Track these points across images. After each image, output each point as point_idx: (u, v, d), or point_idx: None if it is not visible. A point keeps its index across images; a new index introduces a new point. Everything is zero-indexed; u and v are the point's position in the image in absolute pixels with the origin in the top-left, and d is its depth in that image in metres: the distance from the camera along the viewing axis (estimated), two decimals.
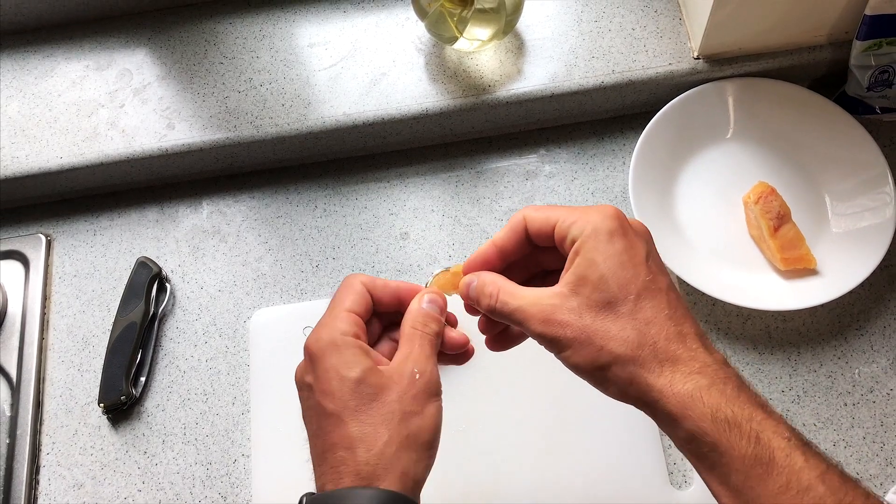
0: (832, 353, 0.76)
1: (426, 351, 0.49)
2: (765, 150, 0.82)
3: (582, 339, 0.45)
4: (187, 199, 0.88)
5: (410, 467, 0.46)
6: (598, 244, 0.46)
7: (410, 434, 0.46)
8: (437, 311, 0.51)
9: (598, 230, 0.46)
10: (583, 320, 0.45)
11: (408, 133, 0.85)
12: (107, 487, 0.76)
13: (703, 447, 0.43)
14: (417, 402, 0.47)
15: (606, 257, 0.46)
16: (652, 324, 0.45)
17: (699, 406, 0.43)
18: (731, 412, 0.42)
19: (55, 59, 0.89)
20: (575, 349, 0.45)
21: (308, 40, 0.87)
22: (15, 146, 0.85)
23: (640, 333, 0.45)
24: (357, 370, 0.47)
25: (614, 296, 0.45)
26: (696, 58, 0.81)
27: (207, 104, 0.85)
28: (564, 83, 0.82)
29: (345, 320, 0.49)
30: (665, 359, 0.44)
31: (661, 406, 0.44)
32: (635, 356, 0.44)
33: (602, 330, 0.45)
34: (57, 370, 0.81)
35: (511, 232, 0.51)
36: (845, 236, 0.77)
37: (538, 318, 0.47)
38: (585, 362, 0.45)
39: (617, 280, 0.45)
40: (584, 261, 0.46)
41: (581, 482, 0.71)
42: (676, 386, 0.43)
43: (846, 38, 0.79)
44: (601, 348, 0.45)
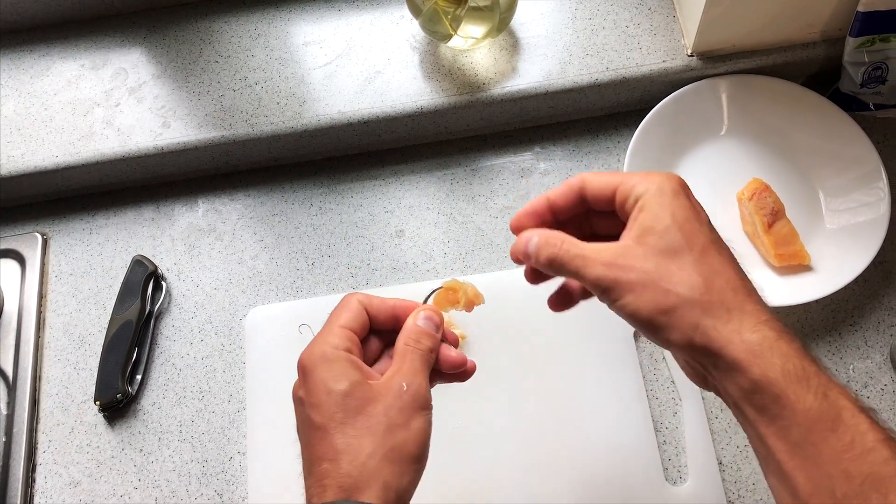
0: (826, 349, 0.76)
1: (416, 366, 0.49)
2: (759, 147, 0.82)
3: (646, 280, 0.44)
4: (183, 198, 0.88)
5: (393, 480, 0.46)
6: (663, 199, 0.46)
7: (395, 446, 0.46)
8: (431, 328, 0.52)
9: (664, 188, 0.46)
10: (648, 264, 0.44)
11: (403, 131, 0.85)
12: (103, 485, 0.76)
13: (766, 398, 0.42)
14: (403, 415, 0.47)
15: (673, 210, 0.45)
16: (719, 273, 0.44)
17: (768, 355, 0.42)
18: (801, 365, 0.42)
19: (51, 59, 0.89)
20: (638, 293, 0.44)
21: (303, 39, 0.87)
22: (11, 145, 0.85)
23: (708, 280, 0.44)
24: (344, 383, 0.47)
25: (681, 244, 0.45)
26: (690, 55, 0.82)
27: (203, 103, 0.85)
28: (559, 81, 0.82)
29: (338, 335, 0.50)
30: (732, 307, 0.43)
31: (728, 352, 0.42)
32: (702, 300, 0.43)
33: (668, 273, 0.44)
34: (53, 368, 0.81)
35: (567, 189, 0.50)
36: (839, 232, 0.77)
37: (600, 262, 0.45)
38: (648, 306, 0.44)
39: (683, 230, 0.45)
40: (649, 214, 0.46)
41: (576, 478, 0.71)
42: (745, 334, 0.42)
43: (839, 34, 0.80)
44: (667, 291, 0.44)
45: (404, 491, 0.46)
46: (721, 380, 0.44)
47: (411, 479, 0.47)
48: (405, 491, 0.47)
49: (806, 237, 0.77)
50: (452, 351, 0.53)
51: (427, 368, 0.50)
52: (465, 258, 0.82)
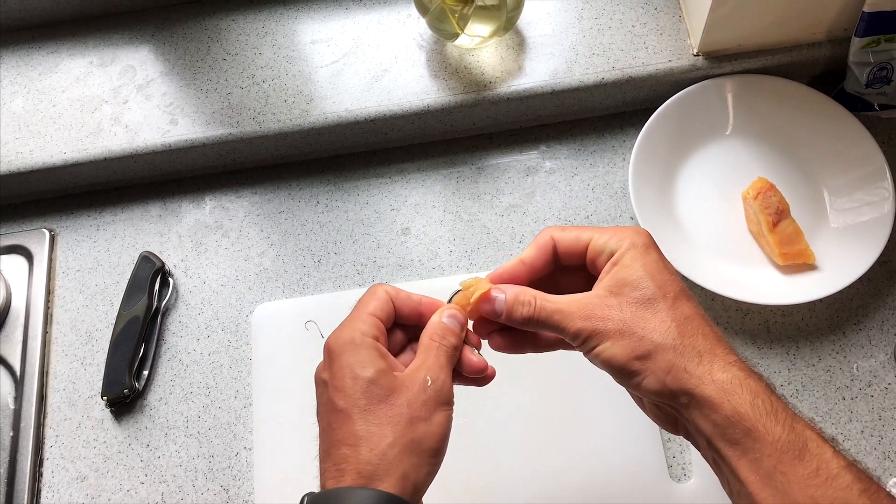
0: (830, 348, 0.76)
1: (440, 361, 0.50)
2: (764, 147, 0.82)
3: (623, 329, 0.47)
4: (190, 195, 0.89)
5: (412, 471, 0.46)
6: (636, 252, 0.49)
7: (415, 439, 0.46)
8: (456, 326, 0.52)
9: (636, 243, 0.49)
10: (623, 314, 0.47)
11: (409, 129, 0.86)
12: (110, 480, 0.77)
13: (738, 432, 0.44)
14: (426, 409, 0.47)
15: (645, 263, 0.48)
16: (690, 320, 0.47)
17: (738, 391, 0.44)
18: (769, 401, 0.44)
19: (59, 56, 0.90)
20: (615, 340, 0.47)
21: (310, 37, 0.87)
22: (19, 141, 0.85)
23: (680, 326, 0.46)
24: (371, 370, 0.47)
25: (654, 293, 0.47)
26: (696, 55, 0.82)
27: (210, 100, 0.85)
28: (565, 80, 0.82)
29: (366, 322, 0.50)
30: (703, 351, 0.46)
31: (700, 391, 0.45)
32: (675, 345, 0.46)
33: (643, 321, 0.47)
34: (60, 364, 0.82)
35: (539, 250, 0.52)
36: (844, 231, 0.77)
37: (578, 315, 0.48)
38: (624, 352, 0.46)
39: (656, 280, 0.48)
40: (622, 267, 0.49)
41: (580, 475, 0.71)
42: (716, 374, 0.45)
43: (845, 35, 0.80)
44: (642, 337, 0.46)
45: (421, 484, 0.47)
46: (694, 418, 0.46)
47: (428, 472, 0.47)
48: (422, 484, 0.47)
49: (810, 236, 0.77)
50: (475, 354, 0.53)
51: (450, 365, 0.50)
52: (471, 256, 0.83)
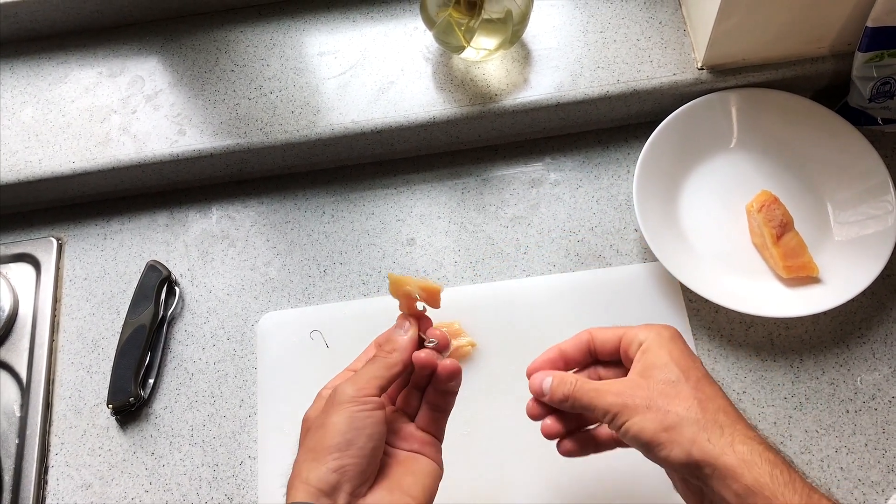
0: (834, 361, 0.76)
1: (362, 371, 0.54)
2: (768, 160, 0.83)
3: (650, 404, 0.52)
4: (197, 204, 0.89)
5: (309, 474, 0.49)
6: (662, 342, 0.55)
7: (312, 446, 0.51)
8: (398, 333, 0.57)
9: (662, 335, 0.56)
10: (652, 392, 0.53)
11: (415, 141, 0.86)
12: (114, 488, 0.77)
13: (758, 500, 0.48)
14: (321, 417, 0.52)
15: (671, 350, 0.55)
16: (712, 399, 0.52)
17: (758, 462, 0.48)
18: (787, 472, 0.48)
19: (69, 66, 0.91)
20: (643, 414, 0.52)
21: (318, 49, 0.88)
22: (28, 150, 0.86)
23: (702, 403, 0.52)
24: (308, 413, 0.55)
25: (679, 376, 0.53)
26: (700, 68, 0.83)
27: (218, 111, 0.86)
28: (570, 92, 0.83)
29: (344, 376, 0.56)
30: (724, 425, 0.51)
31: (722, 462, 0.49)
32: (698, 419, 0.51)
33: (669, 398, 0.52)
34: (66, 372, 0.82)
35: (577, 342, 0.60)
36: (847, 245, 0.78)
37: (610, 392, 0.54)
38: (652, 425, 0.51)
39: (680, 365, 0.54)
40: (651, 355, 0.55)
41: (585, 491, 0.71)
42: (737, 445, 0.49)
43: (848, 49, 0.81)
44: (668, 411, 0.51)
45: (323, 481, 0.49)
46: (718, 489, 0.49)
47: (329, 467, 0.49)
48: (324, 481, 0.49)
49: (814, 249, 0.77)
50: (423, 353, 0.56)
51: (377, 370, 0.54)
52: (476, 267, 0.83)
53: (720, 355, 0.77)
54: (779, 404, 0.74)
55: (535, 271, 0.82)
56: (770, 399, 0.75)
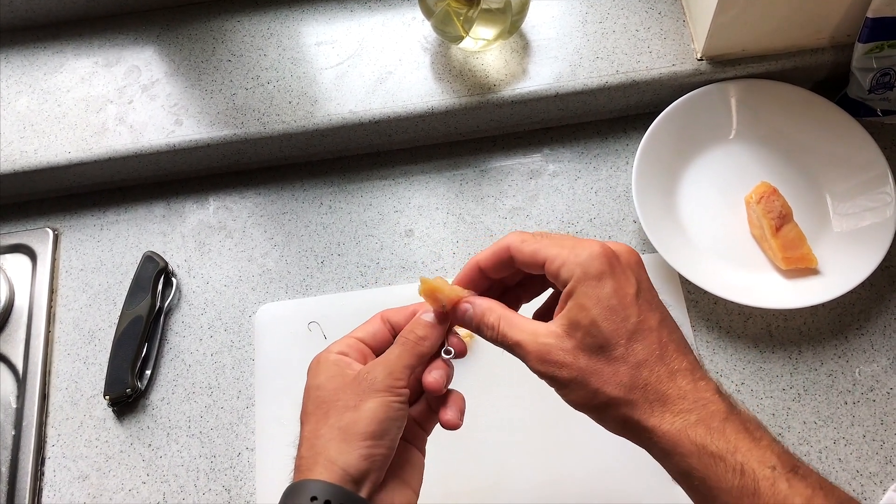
0: (833, 352, 0.76)
1: (393, 354, 0.51)
2: (767, 151, 0.83)
3: (578, 379, 0.47)
4: (194, 195, 0.89)
5: (339, 456, 0.48)
6: (587, 289, 0.48)
7: (343, 427, 0.48)
8: (429, 319, 0.53)
9: (588, 273, 0.48)
10: (578, 362, 0.47)
11: (413, 131, 0.86)
12: (111, 479, 0.77)
13: (694, 481, 0.45)
14: (356, 397, 0.49)
15: (596, 302, 0.47)
16: (643, 366, 0.47)
17: (686, 444, 0.45)
18: (716, 447, 0.44)
19: (64, 55, 0.90)
20: (571, 388, 0.48)
21: (315, 39, 0.88)
22: (24, 141, 0.85)
23: (632, 376, 0.47)
24: (320, 378, 0.51)
25: (606, 340, 0.47)
26: (700, 59, 0.82)
27: (215, 101, 0.85)
28: (569, 83, 0.82)
29: (340, 343, 0.53)
30: (655, 399, 0.46)
31: (654, 444, 0.46)
32: (628, 398, 0.47)
33: (596, 372, 0.47)
34: (63, 363, 0.82)
35: (494, 256, 0.53)
36: (846, 236, 0.78)
37: (536, 356, 0.49)
38: (583, 402, 0.48)
39: (607, 324, 0.47)
40: (575, 305, 0.48)
41: (583, 481, 0.71)
42: (665, 425, 0.46)
43: (848, 40, 0.80)
44: (596, 390, 0.47)
45: (354, 467, 0.48)
46: (660, 463, 0.48)
47: (363, 454, 0.48)
48: (354, 467, 0.48)
49: (813, 241, 0.77)
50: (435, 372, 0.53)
51: (409, 357, 0.51)
52: None
53: (719, 347, 0.77)
54: (777, 396, 0.74)
55: None
56: (769, 390, 0.75)
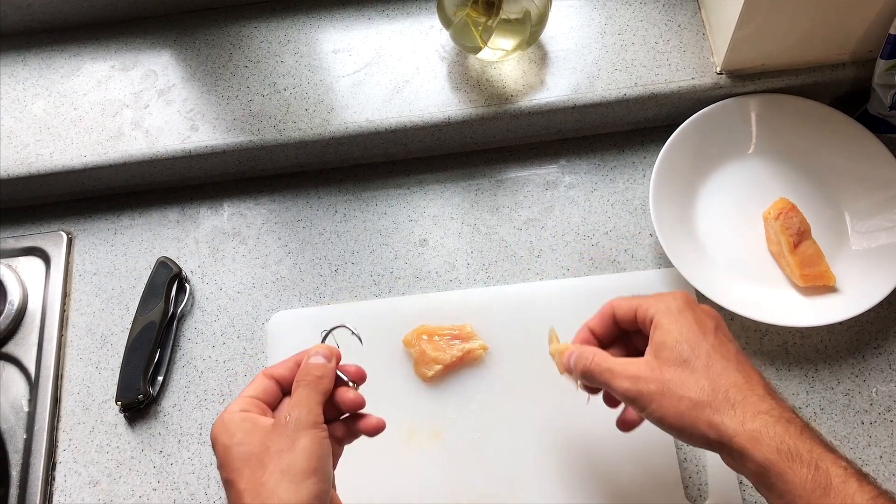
0: (850, 371, 0.75)
1: (301, 396, 0.54)
2: (786, 167, 0.82)
3: (664, 390, 0.53)
4: (208, 201, 0.89)
5: (291, 496, 0.49)
6: (671, 317, 0.56)
7: (284, 469, 0.50)
8: (319, 360, 0.57)
9: (670, 307, 0.57)
10: (663, 375, 0.54)
11: (429, 141, 0.86)
12: (122, 485, 0.76)
13: (771, 477, 0.49)
14: (288, 440, 0.51)
15: (679, 325, 0.55)
16: (722, 375, 0.53)
17: (766, 440, 0.49)
18: (794, 444, 0.49)
19: (81, 59, 0.90)
20: (658, 401, 0.53)
21: (332, 46, 0.87)
22: (40, 144, 0.86)
23: (713, 382, 0.52)
24: (238, 435, 0.52)
25: (688, 355, 0.54)
26: (719, 73, 0.82)
27: (231, 107, 0.85)
28: (587, 95, 0.82)
29: (237, 403, 0.55)
30: (735, 402, 0.51)
31: (735, 443, 0.50)
32: (710, 401, 0.51)
33: (679, 381, 0.53)
34: (75, 367, 0.82)
35: (601, 318, 0.62)
36: (865, 254, 0.77)
37: (624, 376, 0.55)
38: (670, 411, 0.52)
39: (688, 342, 0.54)
40: (660, 331, 0.56)
41: (596, 495, 0.71)
42: (747, 424, 0.50)
43: (870, 56, 0.80)
44: (680, 397, 0.52)
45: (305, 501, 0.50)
46: (738, 468, 0.51)
47: (311, 491, 0.50)
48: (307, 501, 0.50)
49: (831, 258, 0.77)
50: (350, 392, 0.57)
51: (316, 395, 0.55)
52: (488, 269, 0.82)
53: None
54: None
55: (548, 275, 0.82)
56: None
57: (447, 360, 0.75)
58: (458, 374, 0.76)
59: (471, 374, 0.77)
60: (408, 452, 0.73)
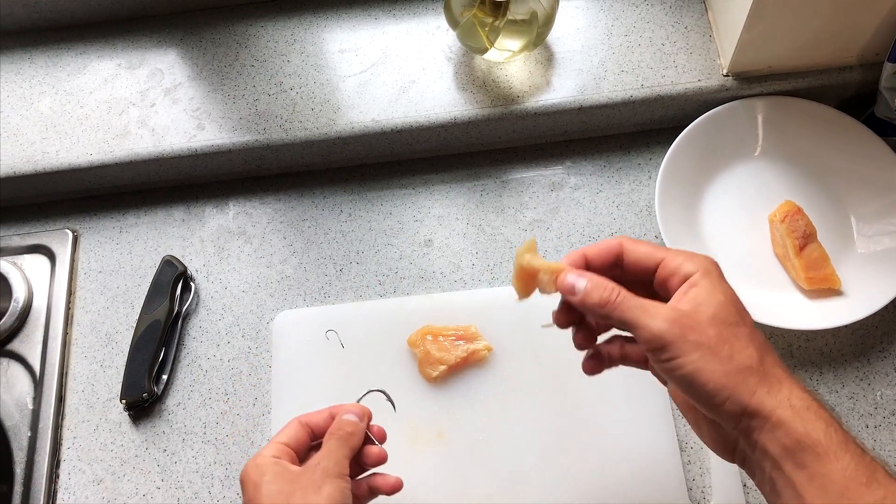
0: (854, 375, 0.75)
1: (331, 447, 0.58)
2: (792, 170, 0.82)
3: (712, 344, 0.47)
4: (214, 200, 0.89)
5: None
6: (712, 279, 0.50)
7: None
8: (352, 418, 0.61)
9: (710, 271, 0.50)
10: (711, 330, 0.47)
11: (435, 141, 0.86)
12: (126, 484, 0.76)
13: (807, 455, 0.45)
14: (314, 485, 0.55)
15: (724, 289, 0.49)
16: (769, 351, 0.48)
17: (813, 419, 0.46)
18: (841, 431, 0.46)
19: (88, 57, 0.90)
20: (702, 354, 0.47)
21: (339, 46, 0.88)
22: (46, 141, 0.86)
23: (760, 352, 0.48)
24: (267, 477, 0.55)
25: (736, 318, 0.48)
26: (726, 75, 0.82)
27: (237, 106, 0.85)
28: (593, 96, 0.82)
29: (270, 448, 0.58)
30: (783, 378, 0.47)
31: (777, 414, 0.46)
32: (759, 370, 0.47)
33: (730, 342, 0.47)
34: (80, 365, 0.82)
35: (604, 250, 0.53)
36: (871, 257, 0.77)
37: (664, 317, 0.48)
38: (714, 368, 0.47)
39: (737, 307, 0.49)
40: (702, 290, 0.49)
41: (599, 496, 0.71)
42: (794, 400, 0.46)
43: (877, 59, 0.80)
44: (731, 357, 0.47)
45: None
46: (764, 441, 0.46)
47: None
48: None
49: (837, 261, 0.77)
50: (375, 448, 0.62)
51: (344, 448, 0.58)
52: (493, 270, 0.82)
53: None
54: None
55: None
56: None
57: (452, 360, 0.75)
58: (462, 375, 0.76)
59: (475, 374, 0.77)
60: (412, 453, 0.73)
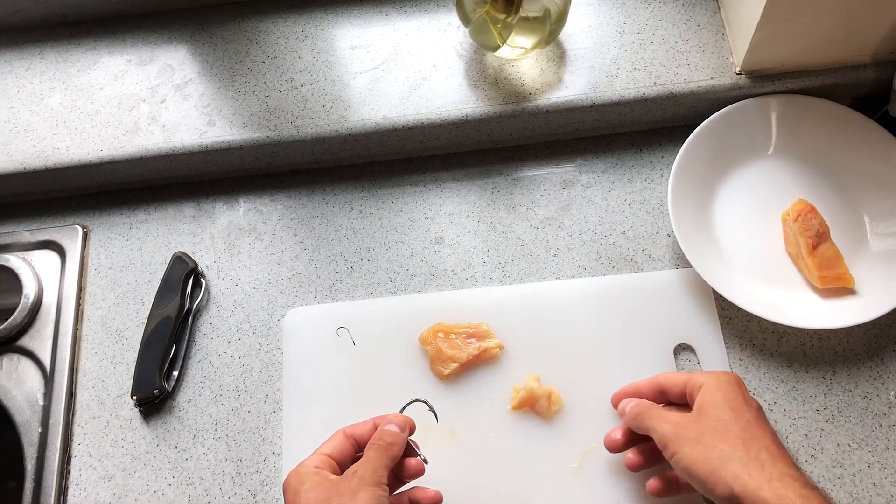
0: (868, 374, 0.75)
1: (370, 456, 0.60)
2: (805, 168, 0.82)
3: (699, 438, 0.59)
4: (224, 196, 0.89)
5: None
6: (720, 385, 0.63)
7: None
8: (393, 428, 0.63)
9: (720, 379, 0.63)
10: (702, 427, 0.60)
11: (446, 138, 0.85)
12: (137, 480, 0.76)
13: None
14: (350, 491, 0.57)
15: (724, 393, 0.62)
16: (757, 440, 0.58)
17: (792, 496, 0.54)
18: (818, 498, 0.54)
19: (98, 53, 0.90)
20: (692, 446, 0.59)
21: (350, 42, 0.87)
22: (56, 137, 0.85)
23: (747, 443, 0.58)
24: (307, 485, 0.58)
25: (728, 417, 0.60)
26: (739, 73, 0.81)
27: (248, 102, 0.85)
28: (605, 93, 0.82)
29: (313, 459, 0.61)
30: (765, 462, 0.56)
31: (760, 496, 0.54)
32: (741, 456, 0.57)
33: (716, 434, 0.59)
34: (90, 361, 0.82)
35: (651, 383, 0.69)
36: (884, 256, 0.77)
37: (668, 421, 0.62)
38: (699, 457, 0.58)
39: (732, 408, 0.60)
40: (708, 395, 0.62)
41: (612, 496, 0.71)
42: (774, 482, 0.55)
43: (891, 57, 0.79)
44: (714, 446, 0.58)
45: None
46: None
47: None
48: None
49: (850, 260, 0.76)
50: (413, 460, 0.65)
51: (383, 458, 0.61)
52: (504, 268, 0.82)
53: (752, 365, 0.76)
54: (811, 416, 0.74)
55: (564, 274, 0.81)
56: (802, 411, 0.74)
57: (463, 358, 0.75)
58: (473, 373, 0.76)
59: (487, 372, 0.76)
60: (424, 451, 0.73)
